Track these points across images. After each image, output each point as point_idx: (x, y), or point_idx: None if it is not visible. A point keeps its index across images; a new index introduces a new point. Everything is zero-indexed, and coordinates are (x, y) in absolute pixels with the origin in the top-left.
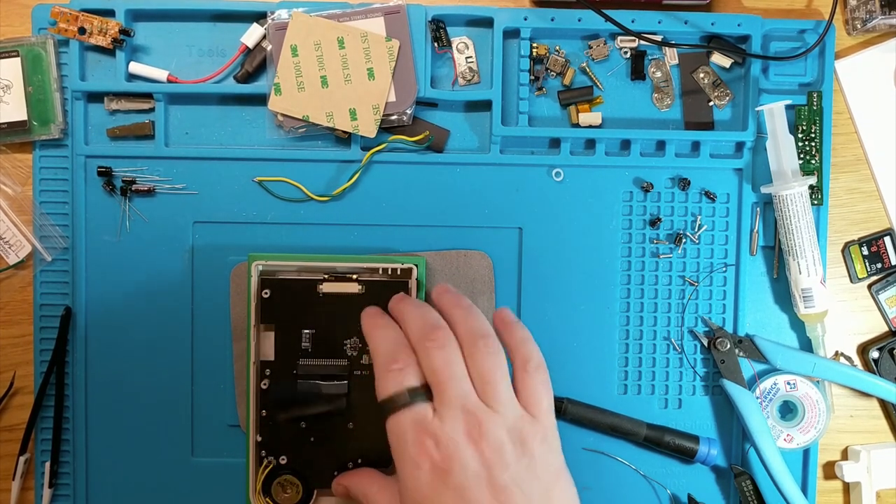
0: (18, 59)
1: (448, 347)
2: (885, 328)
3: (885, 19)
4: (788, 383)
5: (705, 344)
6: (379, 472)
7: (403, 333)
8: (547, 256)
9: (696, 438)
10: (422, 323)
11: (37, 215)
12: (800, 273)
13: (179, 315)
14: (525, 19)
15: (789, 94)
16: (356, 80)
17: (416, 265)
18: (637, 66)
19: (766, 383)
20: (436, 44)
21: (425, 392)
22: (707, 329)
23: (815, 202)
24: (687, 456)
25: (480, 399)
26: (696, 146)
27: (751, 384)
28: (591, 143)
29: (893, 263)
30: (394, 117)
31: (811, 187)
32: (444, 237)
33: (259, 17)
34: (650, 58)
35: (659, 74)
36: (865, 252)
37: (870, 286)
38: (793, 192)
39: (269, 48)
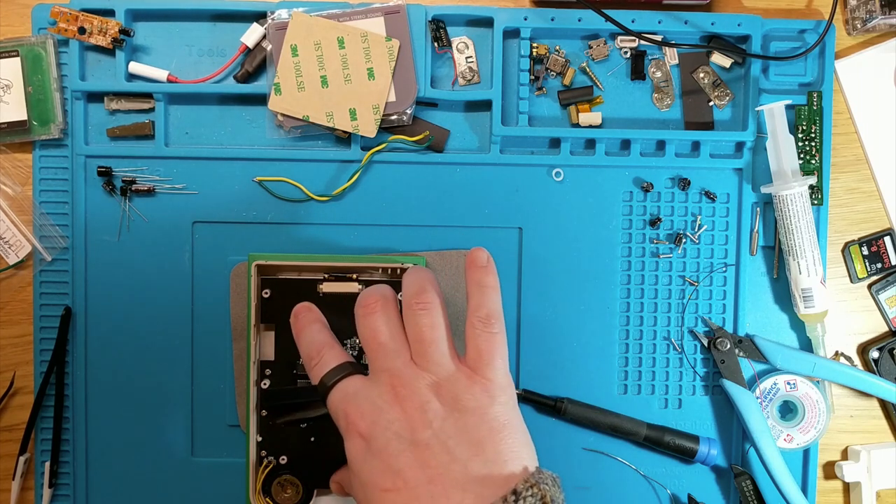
0: (18, 59)
1: (377, 313)
2: (885, 328)
3: (885, 19)
4: (788, 383)
5: (705, 344)
6: None
7: (323, 329)
8: (547, 256)
9: (696, 438)
10: (359, 297)
11: (37, 215)
12: (800, 273)
13: (179, 315)
14: (525, 19)
15: (789, 94)
16: (356, 80)
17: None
18: (637, 66)
19: (766, 383)
20: (436, 44)
21: (351, 368)
22: (707, 329)
23: (815, 202)
24: (687, 456)
25: (414, 360)
26: (696, 146)
27: (751, 384)
28: (591, 143)
29: (893, 263)
30: (394, 117)
31: (811, 187)
32: (444, 237)
33: (259, 17)
34: (650, 58)
35: (659, 74)
36: (865, 252)
37: (870, 286)
38: (793, 192)
39: (269, 48)
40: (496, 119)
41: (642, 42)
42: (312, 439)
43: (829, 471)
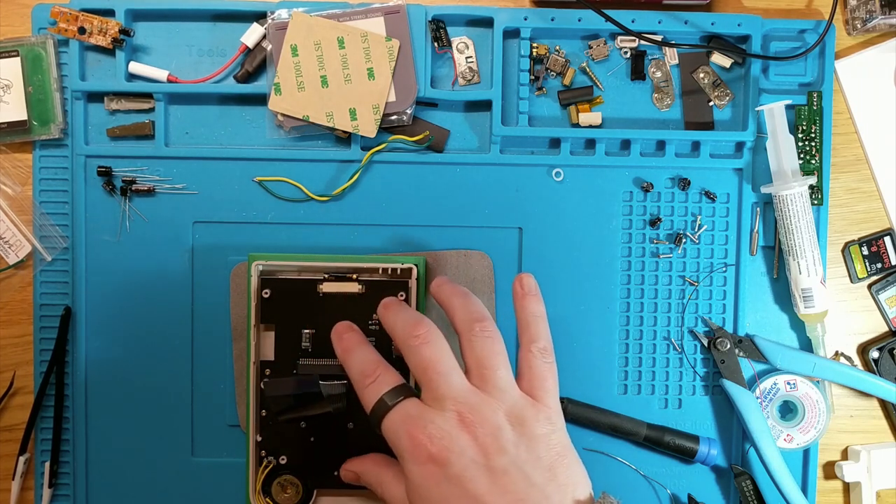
0: (18, 59)
1: (432, 342)
2: (885, 328)
3: (885, 19)
4: (788, 383)
5: (705, 344)
6: (392, 460)
7: (373, 348)
8: (547, 256)
9: (696, 438)
10: (403, 324)
11: (37, 215)
12: (800, 273)
13: (179, 315)
14: (525, 19)
15: (789, 94)
16: (356, 80)
17: (416, 265)
18: (637, 66)
19: (766, 383)
20: (436, 44)
21: (409, 391)
22: (707, 329)
23: (815, 202)
24: (687, 456)
25: (476, 385)
26: (696, 146)
27: (751, 384)
28: (591, 143)
29: (893, 263)
30: (394, 117)
31: (811, 187)
32: (444, 237)
33: (259, 17)
34: (650, 58)
35: (659, 74)
36: (865, 252)
37: (870, 286)
38: (793, 192)
39: (269, 48)
40: (496, 119)
41: (642, 42)
42: (312, 439)
43: (829, 471)
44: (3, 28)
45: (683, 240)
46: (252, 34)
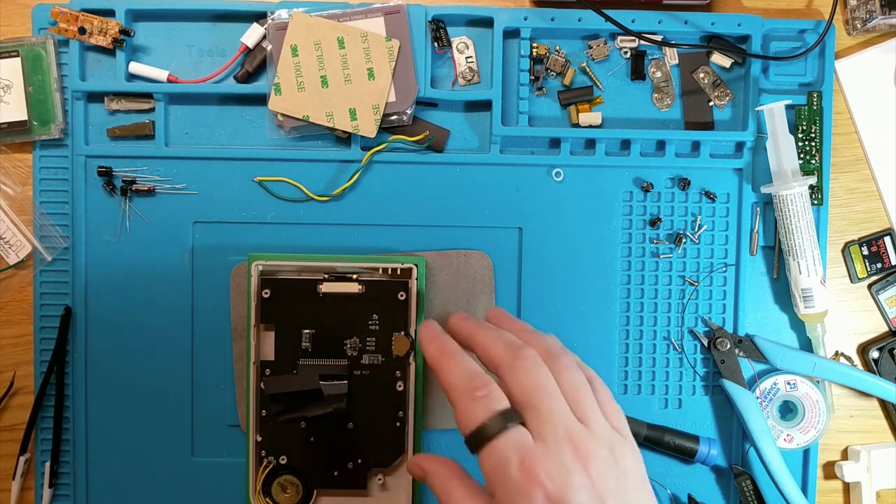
0: (18, 59)
1: (541, 366)
2: (885, 328)
3: (885, 19)
4: (788, 383)
5: (705, 344)
6: (467, 473)
7: (469, 357)
8: (547, 256)
9: (696, 438)
10: (505, 344)
11: (37, 215)
12: (800, 273)
13: (179, 315)
14: (525, 19)
15: (789, 94)
16: (356, 80)
17: (416, 265)
18: (637, 66)
19: (766, 383)
20: (436, 44)
21: (516, 415)
22: (707, 329)
23: (815, 202)
24: (687, 456)
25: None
26: (696, 146)
27: (751, 384)
28: (591, 143)
29: (893, 263)
30: (394, 117)
31: (811, 187)
32: (444, 237)
33: (259, 17)
34: (650, 58)
35: (659, 74)
36: (865, 252)
37: (870, 286)
38: (793, 192)
39: (269, 48)
40: (496, 119)
41: (642, 42)
42: (312, 439)
43: (829, 471)
44: (3, 28)
45: (683, 240)
46: (252, 34)
